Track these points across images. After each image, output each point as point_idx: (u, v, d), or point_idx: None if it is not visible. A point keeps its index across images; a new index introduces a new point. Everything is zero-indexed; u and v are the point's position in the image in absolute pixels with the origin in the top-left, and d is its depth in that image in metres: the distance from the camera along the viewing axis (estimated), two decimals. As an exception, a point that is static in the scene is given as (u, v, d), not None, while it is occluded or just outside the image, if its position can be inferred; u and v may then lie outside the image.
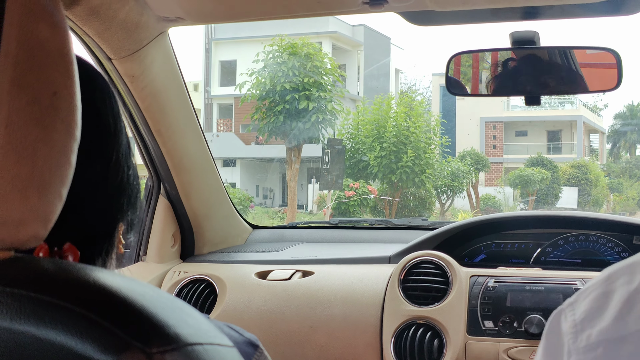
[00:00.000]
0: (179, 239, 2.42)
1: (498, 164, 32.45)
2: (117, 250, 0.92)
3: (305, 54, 18.34)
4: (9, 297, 0.60)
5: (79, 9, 1.60)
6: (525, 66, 1.81)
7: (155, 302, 0.63)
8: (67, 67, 0.68)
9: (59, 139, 0.67)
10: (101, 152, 0.85)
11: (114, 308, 0.61)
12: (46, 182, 0.66)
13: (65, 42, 0.68)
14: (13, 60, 0.62)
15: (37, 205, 0.65)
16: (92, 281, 0.64)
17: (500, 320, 1.93)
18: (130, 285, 0.64)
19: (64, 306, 0.59)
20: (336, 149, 17.32)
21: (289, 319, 2.10)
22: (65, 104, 0.67)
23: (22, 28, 0.64)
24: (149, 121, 2.04)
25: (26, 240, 0.66)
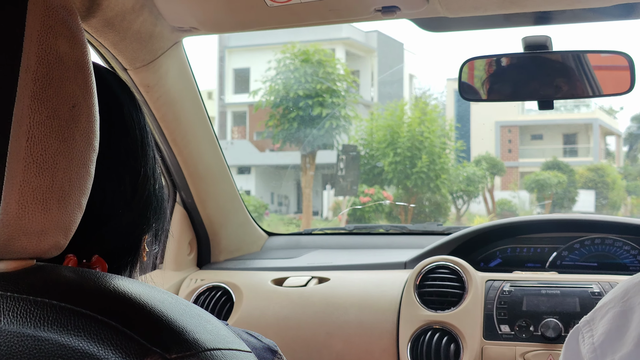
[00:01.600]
0: (195, 247, 2.43)
1: (514, 168, 32.28)
2: (141, 259, 0.94)
3: (318, 60, 18.31)
4: (32, 305, 0.61)
5: (94, 20, 1.62)
6: (538, 71, 1.81)
7: (174, 309, 0.65)
8: (85, 79, 0.69)
9: (78, 151, 0.68)
10: (130, 166, 0.86)
11: (134, 315, 0.62)
12: (66, 193, 0.67)
13: (84, 55, 0.70)
14: (33, 75, 0.64)
15: (58, 215, 0.67)
16: (112, 289, 0.65)
17: (517, 324, 1.93)
18: (150, 293, 0.66)
19: (85, 314, 0.61)
20: (351, 155, 17.29)
21: (305, 326, 2.10)
22: (84, 116, 0.69)
23: (41, 43, 0.65)
24: (165, 130, 2.06)
25: (48, 250, 0.68)
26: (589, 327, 0.81)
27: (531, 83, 1.83)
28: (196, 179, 2.25)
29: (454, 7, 1.65)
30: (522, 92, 1.86)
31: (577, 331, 0.83)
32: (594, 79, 1.83)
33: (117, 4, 1.62)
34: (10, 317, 0.61)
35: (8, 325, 0.61)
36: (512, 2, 1.62)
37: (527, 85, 1.84)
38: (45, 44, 0.66)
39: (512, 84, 1.85)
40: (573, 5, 1.63)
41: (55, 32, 0.67)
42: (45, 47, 0.66)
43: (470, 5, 1.64)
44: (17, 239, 0.65)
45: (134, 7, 1.66)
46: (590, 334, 0.79)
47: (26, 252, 0.66)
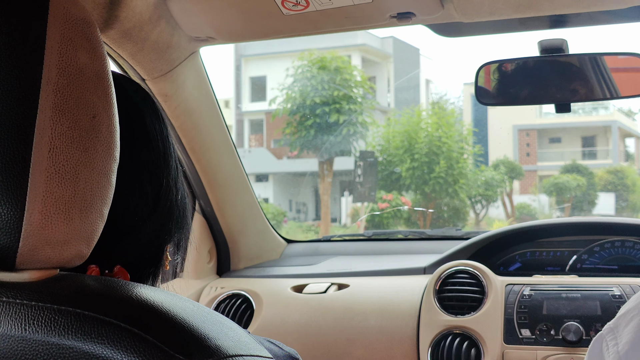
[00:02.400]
0: (215, 255, 2.44)
1: (532, 172, 32.10)
2: (164, 269, 0.94)
3: (334, 67, 18.30)
4: (56, 314, 0.62)
5: (112, 32, 1.64)
6: (555, 74, 1.81)
7: (196, 316, 0.65)
8: (105, 90, 0.70)
9: (99, 161, 0.69)
10: (152, 177, 0.87)
11: (157, 322, 0.63)
12: (88, 202, 0.68)
13: (103, 66, 0.71)
14: (54, 87, 0.65)
15: (80, 225, 0.68)
16: (134, 297, 0.66)
17: (537, 328, 1.92)
18: (172, 300, 0.66)
19: (109, 322, 0.61)
20: (368, 161, 17.25)
21: (325, 332, 2.11)
22: (105, 126, 0.70)
23: (62, 56, 0.66)
24: (183, 139, 2.07)
25: (71, 259, 0.69)
26: (613, 335, 0.79)
27: (548, 86, 1.82)
28: (215, 187, 2.26)
29: (470, 12, 1.65)
30: (539, 95, 1.85)
31: (600, 339, 0.82)
32: (611, 81, 1.82)
33: (134, 15, 1.63)
34: (35, 326, 0.62)
35: (33, 334, 0.62)
36: (528, 6, 1.62)
37: (544, 89, 1.83)
38: (65, 56, 0.67)
39: (528, 88, 1.85)
40: (589, 8, 1.62)
41: (75, 45, 0.68)
42: (66, 59, 0.67)
43: (485, 10, 1.64)
44: (41, 248, 0.65)
45: (151, 18, 1.68)
46: (614, 342, 0.78)
47: (50, 261, 0.67)
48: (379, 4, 1.62)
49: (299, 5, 1.64)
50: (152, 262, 0.89)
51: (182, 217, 0.94)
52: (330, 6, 1.63)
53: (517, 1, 1.59)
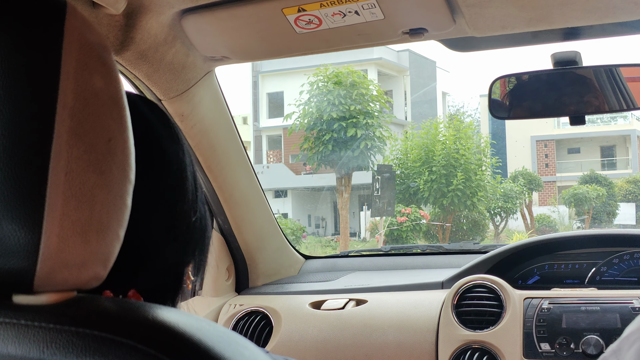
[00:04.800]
0: (233, 272, 2.45)
1: (551, 183, 31.93)
2: (185, 287, 0.95)
3: (350, 82, 18.32)
4: (74, 336, 0.62)
5: (128, 53, 1.66)
6: (568, 86, 1.81)
7: (212, 336, 0.65)
8: (120, 113, 0.71)
9: (115, 183, 0.70)
10: (167, 199, 0.88)
11: (174, 343, 0.63)
12: (104, 225, 0.69)
13: (118, 90, 0.72)
14: (70, 111, 0.65)
15: (97, 247, 0.68)
16: (151, 318, 0.66)
17: (557, 342, 1.91)
18: (187, 321, 0.67)
19: (126, 343, 0.62)
20: (386, 175, 17.21)
21: (344, 348, 2.11)
22: (120, 149, 0.70)
23: (77, 80, 0.67)
24: (200, 158, 2.08)
25: (88, 281, 0.69)
26: (616, 357, 0.79)
27: (562, 99, 1.82)
28: (232, 205, 2.27)
29: (482, 27, 1.66)
30: (553, 108, 1.85)
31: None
32: (627, 92, 1.82)
33: (150, 37, 1.65)
34: (53, 348, 0.62)
35: (51, 357, 0.62)
36: (540, 20, 1.62)
37: (557, 102, 1.83)
38: (81, 81, 0.67)
39: (542, 101, 1.85)
40: (601, 20, 1.63)
41: (90, 69, 0.68)
42: (81, 83, 0.67)
43: (497, 25, 1.64)
44: (58, 271, 0.66)
45: (166, 39, 1.70)
46: None
47: (67, 284, 0.67)
48: (391, 21, 1.63)
49: (311, 23, 1.65)
50: (172, 288, 0.90)
51: (202, 239, 0.94)
52: (342, 24, 1.65)
53: (529, 15, 1.59)
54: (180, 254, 0.90)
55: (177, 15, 1.66)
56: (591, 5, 1.54)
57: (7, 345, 0.64)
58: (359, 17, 1.62)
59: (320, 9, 1.60)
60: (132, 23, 1.59)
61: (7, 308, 0.66)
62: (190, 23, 1.68)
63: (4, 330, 0.64)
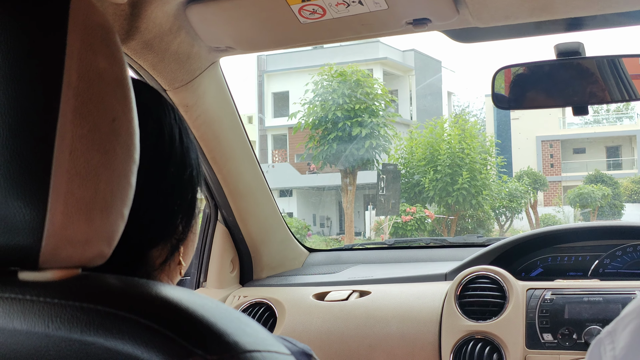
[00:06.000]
0: (238, 264, 2.46)
1: (557, 183, 31.87)
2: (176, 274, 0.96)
3: (355, 80, 18.33)
4: (78, 311, 0.64)
5: (133, 43, 1.67)
6: (571, 77, 1.81)
7: (215, 312, 0.66)
8: (124, 94, 0.72)
9: (119, 163, 0.71)
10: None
11: (177, 319, 0.64)
12: (108, 203, 0.70)
13: (122, 71, 0.73)
14: (74, 91, 0.67)
15: (101, 225, 0.69)
16: (155, 294, 0.67)
17: (559, 332, 1.91)
18: (191, 298, 0.68)
19: (129, 318, 0.63)
20: (391, 174, 17.20)
21: (347, 339, 2.11)
22: (124, 129, 0.71)
23: (82, 61, 0.68)
24: (204, 149, 2.09)
25: (92, 258, 0.70)
26: (611, 338, 0.79)
27: (565, 89, 1.83)
28: (236, 197, 2.28)
29: (485, 17, 1.66)
30: (556, 98, 1.86)
31: (599, 342, 0.81)
32: (629, 83, 1.82)
33: (155, 27, 1.66)
34: (58, 323, 0.63)
35: (56, 331, 0.63)
36: (543, 10, 1.62)
37: (560, 92, 1.84)
38: (85, 61, 0.68)
39: (545, 91, 1.85)
40: (604, 10, 1.63)
41: (94, 50, 0.69)
42: (86, 64, 0.68)
43: (501, 15, 1.65)
44: (63, 248, 0.67)
45: (171, 29, 1.71)
46: (612, 346, 0.78)
47: (71, 261, 0.68)
48: (394, 11, 1.64)
49: (315, 13, 1.66)
50: (161, 237, 0.92)
51: (191, 191, 0.96)
52: (346, 14, 1.66)
53: (532, 5, 1.60)
54: (169, 204, 0.92)
55: (181, 4, 1.67)
56: (594, -5, 1.55)
57: (13, 320, 0.65)
58: (362, 7, 1.63)
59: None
60: (137, 12, 1.60)
61: (13, 284, 0.68)
62: (194, 13, 1.69)
63: (9, 305, 0.66)
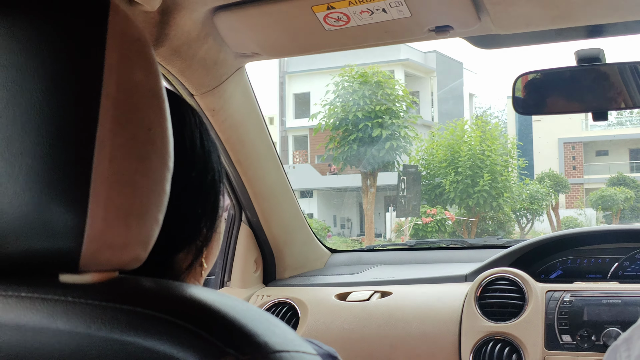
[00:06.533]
0: (261, 264, 2.50)
1: (579, 185, 31.64)
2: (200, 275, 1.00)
3: (376, 82, 18.27)
4: (118, 313, 0.67)
5: (162, 49, 1.72)
6: (591, 83, 1.83)
7: (246, 314, 0.69)
8: (159, 105, 0.76)
9: (154, 170, 0.74)
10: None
11: (210, 320, 0.67)
12: (145, 209, 0.73)
13: (158, 83, 0.76)
14: (113, 102, 0.70)
15: (138, 230, 0.73)
16: (189, 296, 0.71)
17: (578, 334, 1.94)
18: (223, 299, 0.71)
19: (166, 319, 0.66)
20: (412, 176, 17.11)
21: (369, 339, 2.15)
22: (159, 138, 0.75)
23: (120, 73, 0.71)
24: (230, 152, 2.14)
25: (129, 262, 0.74)
26: (627, 345, 0.81)
27: (584, 95, 1.85)
28: (260, 199, 2.32)
29: (506, 25, 1.69)
30: (576, 104, 1.88)
31: (615, 349, 0.83)
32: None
33: (183, 34, 1.71)
34: (99, 324, 0.66)
35: (97, 331, 0.66)
36: (563, 18, 1.65)
37: (581, 98, 1.86)
38: (123, 73, 0.71)
39: (565, 97, 1.88)
40: (625, 17, 1.65)
41: (132, 62, 0.73)
42: (123, 75, 0.71)
43: (521, 22, 1.68)
44: (102, 252, 0.70)
45: (199, 36, 1.76)
46: (627, 353, 0.80)
47: (110, 264, 0.72)
48: (417, 19, 1.67)
49: (340, 20, 1.70)
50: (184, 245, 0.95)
51: (213, 194, 0.99)
52: (370, 21, 1.69)
53: (553, 13, 1.62)
54: (192, 209, 0.95)
55: (209, 12, 1.71)
56: (615, 3, 1.57)
57: (56, 320, 0.68)
58: (386, 14, 1.66)
59: (348, 7, 1.65)
60: (167, 20, 1.65)
61: (55, 286, 0.71)
62: (222, 20, 1.74)
63: (52, 307, 0.69)
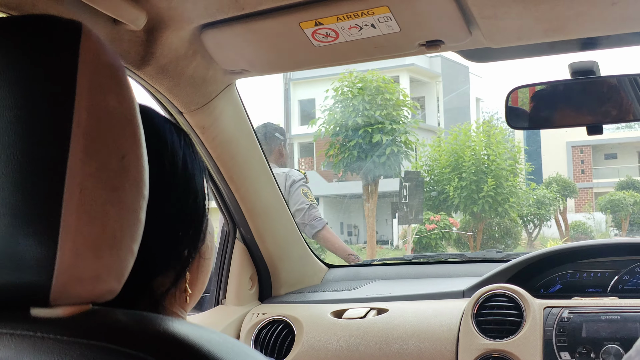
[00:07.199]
0: (257, 281, 2.48)
1: (588, 189, 31.51)
2: (185, 302, 0.97)
3: (375, 86, 18.01)
4: (86, 348, 0.65)
5: (149, 68, 1.70)
6: (586, 96, 1.81)
7: (221, 348, 0.67)
8: (134, 131, 0.74)
9: (128, 199, 0.72)
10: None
11: (184, 355, 0.65)
12: (117, 240, 0.71)
13: (132, 109, 0.74)
14: (84, 130, 0.68)
15: (110, 262, 0.71)
16: (161, 330, 0.68)
17: (577, 351, 1.90)
18: (198, 333, 0.69)
19: (136, 355, 0.64)
20: (414, 182, 16.88)
21: (365, 357, 2.12)
22: (134, 166, 0.73)
23: (91, 100, 0.69)
24: (222, 169, 2.12)
25: (102, 294, 0.72)
26: None
27: (579, 109, 1.82)
28: (254, 215, 2.30)
29: (498, 38, 1.66)
30: (570, 118, 1.85)
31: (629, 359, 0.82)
32: (646, 101, 1.81)
33: (170, 52, 1.69)
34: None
35: None
36: (556, 31, 1.62)
37: (575, 112, 1.83)
38: (95, 100, 0.69)
39: (559, 111, 1.85)
40: (617, 30, 1.62)
41: (104, 89, 0.71)
42: (95, 103, 0.69)
43: (513, 36, 1.65)
44: (73, 285, 0.68)
45: (186, 54, 1.73)
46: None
47: (81, 297, 0.70)
48: (407, 34, 1.65)
49: (328, 37, 1.67)
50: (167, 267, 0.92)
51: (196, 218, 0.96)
52: (359, 37, 1.67)
53: (545, 26, 1.59)
54: (171, 233, 0.92)
55: (196, 30, 1.69)
56: (607, 16, 1.54)
57: (23, 356, 0.66)
58: (375, 30, 1.64)
59: (336, 23, 1.62)
60: (153, 38, 1.63)
61: (24, 320, 0.69)
62: (209, 37, 1.71)
63: (20, 342, 0.67)
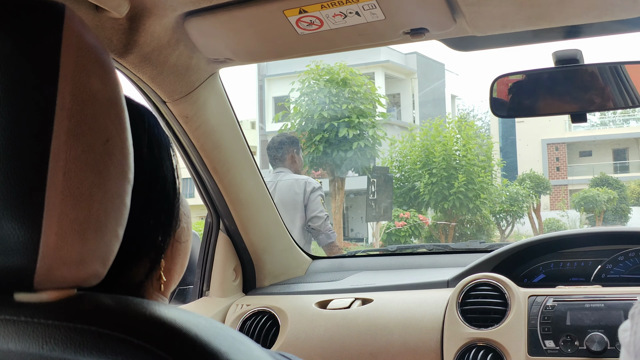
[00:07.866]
0: (240, 273, 2.47)
1: (562, 186, 31.78)
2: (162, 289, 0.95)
3: (342, 79, 17.57)
4: (72, 332, 0.64)
5: (132, 57, 1.68)
6: (570, 84, 1.81)
7: (208, 331, 0.67)
8: (118, 114, 0.73)
9: (113, 183, 0.71)
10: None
11: (170, 338, 0.65)
12: (103, 223, 0.70)
13: (116, 92, 0.73)
14: (68, 112, 0.67)
15: (95, 245, 0.70)
16: (148, 314, 0.68)
17: (561, 339, 1.91)
18: (185, 316, 0.68)
19: (123, 338, 0.64)
20: (382, 178, 16.49)
21: (349, 347, 2.12)
22: (118, 149, 0.72)
23: (75, 82, 0.68)
24: (205, 159, 2.10)
25: (87, 278, 0.71)
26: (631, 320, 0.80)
27: (563, 97, 1.83)
28: (238, 206, 2.29)
29: (482, 26, 1.67)
30: (554, 106, 1.86)
31: (632, 317, 0.82)
32: (631, 89, 1.82)
33: (153, 40, 1.67)
34: (52, 344, 0.64)
35: (50, 352, 0.64)
36: (539, 18, 1.63)
37: (559, 100, 1.84)
38: (78, 83, 0.69)
39: (543, 99, 1.86)
40: (600, 18, 1.63)
41: (88, 71, 0.70)
42: (79, 85, 0.69)
43: (497, 24, 1.66)
44: (57, 269, 0.67)
45: (169, 42, 1.72)
46: None
47: (66, 281, 0.69)
48: (392, 21, 1.65)
49: (313, 24, 1.67)
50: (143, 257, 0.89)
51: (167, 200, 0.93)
52: (343, 25, 1.67)
53: (528, 13, 1.60)
54: (142, 219, 0.88)
55: (180, 18, 1.68)
56: (589, 2, 1.55)
57: (8, 341, 0.66)
58: (359, 17, 1.63)
59: (321, 10, 1.62)
60: (136, 26, 1.61)
61: (8, 305, 0.68)
62: (193, 25, 1.70)
63: (4, 327, 0.66)
